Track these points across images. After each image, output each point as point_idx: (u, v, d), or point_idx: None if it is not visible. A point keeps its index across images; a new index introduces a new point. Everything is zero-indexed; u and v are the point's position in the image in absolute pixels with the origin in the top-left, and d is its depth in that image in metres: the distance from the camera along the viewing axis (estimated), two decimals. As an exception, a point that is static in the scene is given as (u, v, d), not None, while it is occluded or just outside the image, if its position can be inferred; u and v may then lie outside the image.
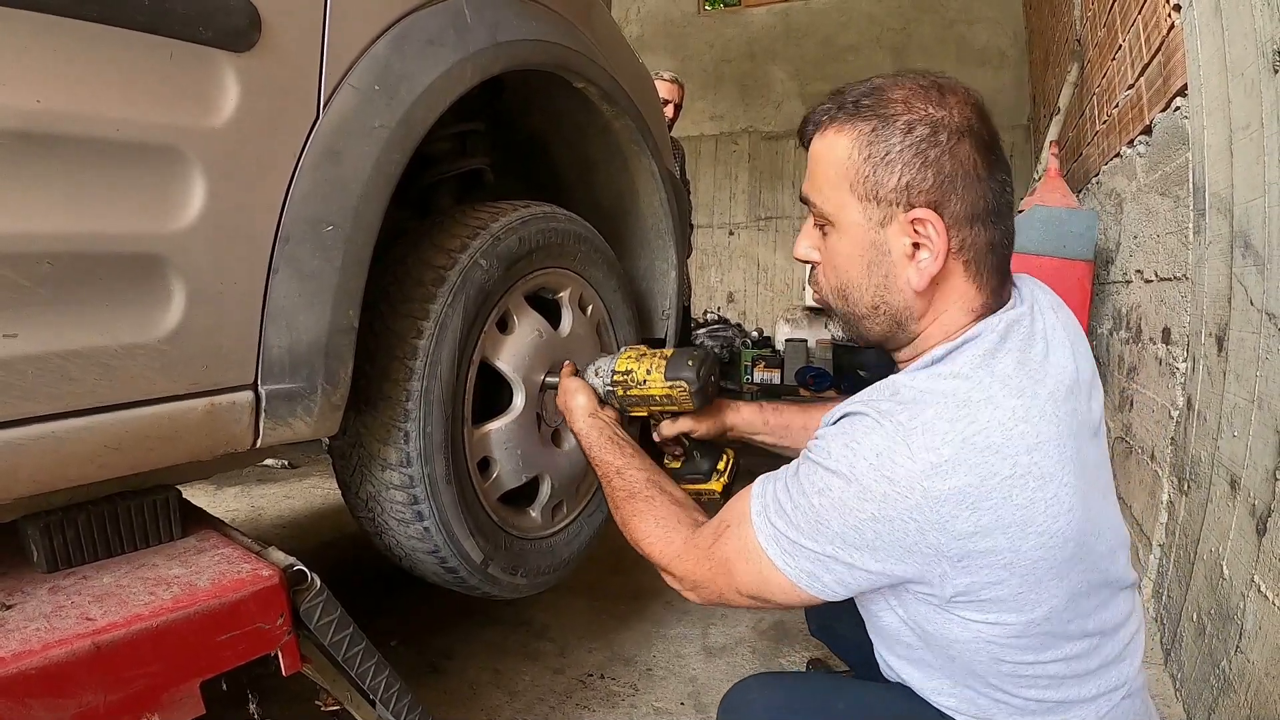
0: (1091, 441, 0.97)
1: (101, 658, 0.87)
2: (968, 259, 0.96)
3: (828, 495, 0.91)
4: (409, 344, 1.36)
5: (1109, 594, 0.98)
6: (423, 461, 1.38)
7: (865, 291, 1.02)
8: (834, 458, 0.92)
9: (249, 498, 3.46)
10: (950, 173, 0.93)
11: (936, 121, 0.93)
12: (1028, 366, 0.92)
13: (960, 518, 0.85)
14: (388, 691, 1.20)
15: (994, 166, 0.95)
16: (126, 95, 0.92)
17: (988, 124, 0.96)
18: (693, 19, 9.61)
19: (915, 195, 0.94)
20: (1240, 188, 1.59)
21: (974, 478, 0.84)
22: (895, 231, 0.96)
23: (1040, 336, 0.97)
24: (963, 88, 0.98)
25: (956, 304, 0.99)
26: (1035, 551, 0.88)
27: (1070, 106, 3.93)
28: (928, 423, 0.87)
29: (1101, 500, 0.97)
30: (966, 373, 0.91)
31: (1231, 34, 1.62)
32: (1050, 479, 0.87)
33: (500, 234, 1.50)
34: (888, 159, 0.94)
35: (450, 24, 1.33)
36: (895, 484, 0.86)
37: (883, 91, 0.97)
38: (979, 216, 0.94)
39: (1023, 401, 0.88)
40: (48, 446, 0.90)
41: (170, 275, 0.98)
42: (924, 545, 0.88)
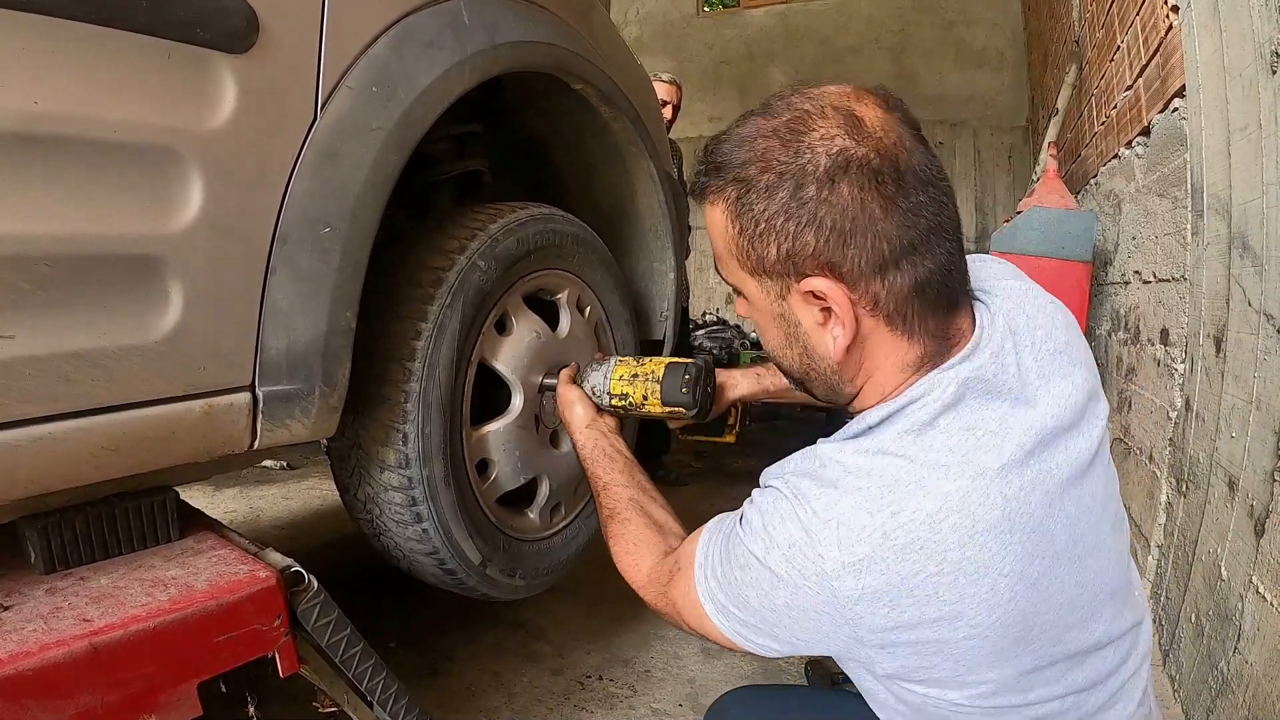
0: (1074, 489, 0.84)
1: (99, 659, 0.87)
2: (888, 313, 0.82)
3: (748, 573, 0.86)
4: (407, 345, 1.36)
5: (1083, 657, 0.86)
6: (421, 463, 1.38)
7: (792, 360, 0.93)
8: (752, 537, 0.86)
9: (247, 499, 3.45)
10: (834, 226, 0.78)
11: (799, 173, 0.79)
12: (979, 433, 0.80)
13: (877, 614, 0.78)
14: (385, 693, 1.20)
15: (898, 194, 0.78)
16: (124, 97, 0.92)
17: (878, 139, 0.79)
18: (691, 20, 9.62)
19: (801, 263, 0.81)
20: (1238, 189, 1.59)
21: (893, 577, 0.76)
22: (797, 302, 0.86)
23: (1006, 387, 0.83)
24: (831, 103, 0.82)
25: (888, 361, 0.86)
26: (968, 642, 0.79)
27: (1069, 108, 3.93)
28: (844, 515, 0.78)
29: (1076, 564, 0.83)
30: (897, 449, 0.81)
31: (1229, 35, 1.63)
32: (987, 571, 0.76)
33: (498, 235, 1.50)
34: (760, 230, 0.82)
35: (448, 25, 1.33)
36: (806, 578, 0.80)
37: (741, 145, 0.84)
38: (887, 263, 0.79)
39: (960, 485, 0.77)
40: (45, 448, 0.90)
41: (168, 277, 0.98)
42: (841, 635, 0.82)
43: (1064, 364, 0.88)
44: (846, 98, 0.82)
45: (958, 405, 0.81)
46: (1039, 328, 0.89)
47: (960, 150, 8.37)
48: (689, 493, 3.81)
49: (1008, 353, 0.84)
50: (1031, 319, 0.89)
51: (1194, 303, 1.92)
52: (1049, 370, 0.86)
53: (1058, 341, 0.89)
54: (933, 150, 0.83)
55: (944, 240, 0.81)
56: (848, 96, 0.83)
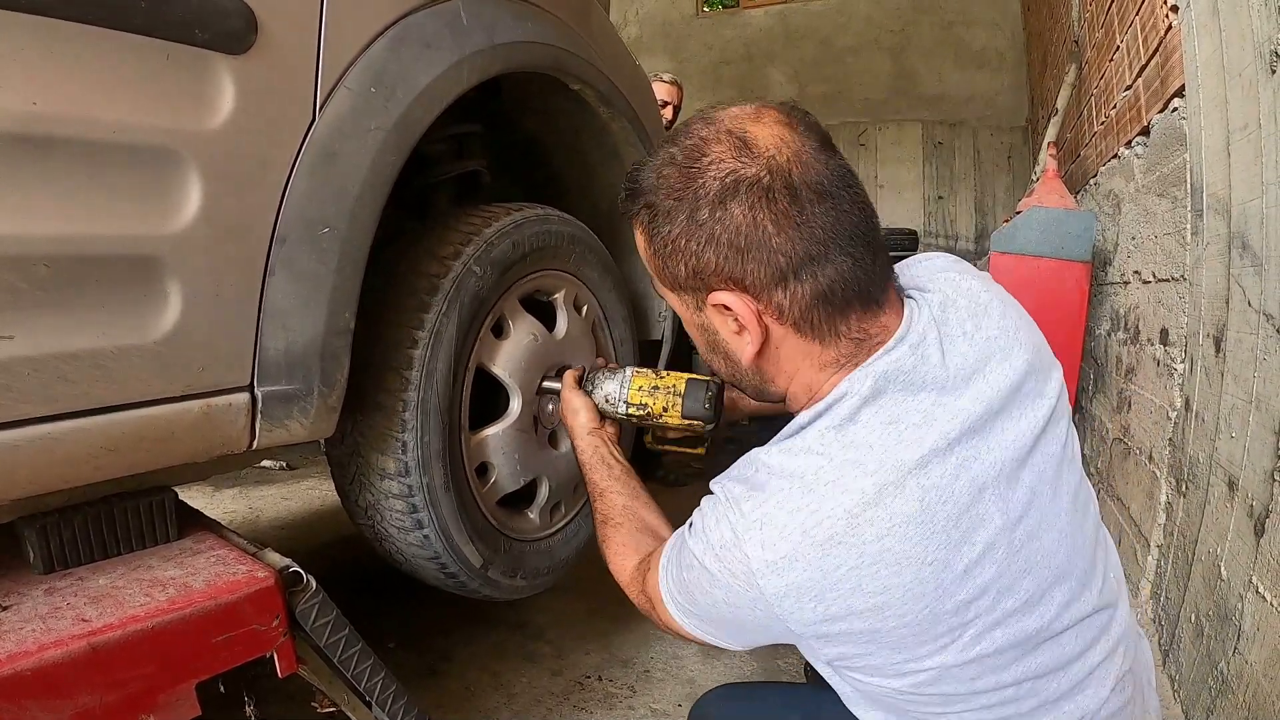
0: (1016, 471, 0.85)
1: (97, 659, 0.87)
2: (794, 320, 0.86)
3: (691, 572, 0.91)
4: (404, 354, 1.36)
5: (1035, 642, 0.86)
6: (421, 471, 1.38)
7: (720, 366, 0.99)
8: (695, 538, 0.91)
9: (247, 499, 3.45)
10: (729, 243, 0.83)
11: (694, 197, 0.84)
12: (900, 426, 0.82)
13: (805, 608, 0.81)
14: (384, 693, 1.20)
15: (791, 208, 0.81)
16: (122, 98, 0.92)
17: (769, 157, 0.82)
18: (691, 21, 9.63)
19: (708, 279, 0.87)
20: (1238, 188, 1.59)
21: (815, 572, 0.79)
22: (711, 314, 0.91)
23: (930, 377, 0.85)
24: (725, 125, 0.86)
25: (805, 364, 0.90)
26: (899, 631, 0.81)
27: (1068, 108, 3.93)
28: (768, 515, 0.82)
29: (1017, 549, 0.84)
30: (818, 447, 0.84)
31: (1229, 35, 1.62)
32: (910, 562, 0.79)
33: (494, 239, 1.50)
34: (668, 250, 0.88)
35: (447, 26, 1.33)
36: (736, 577, 0.84)
37: (650, 172, 0.90)
38: (785, 274, 0.83)
39: (876, 479, 0.79)
40: (44, 448, 0.90)
41: (166, 277, 0.98)
42: (776, 629, 0.86)
43: (998, 349, 0.89)
44: (743, 119, 0.86)
45: (878, 399, 0.84)
46: (969, 317, 0.90)
47: (960, 150, 8.38)
48: (688, 493, 3.81)
49: (930, 344, 0.86)
50: (960, 309, 0.91)
51: (1193, 302, 1.92)
52: (982, 356, 0.88)
53: (989, 329, 0.90)
54: (840, 159, 0.86)
55: (846, 248, 0.83)
56: (745, 118, 0.86)
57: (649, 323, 2.26)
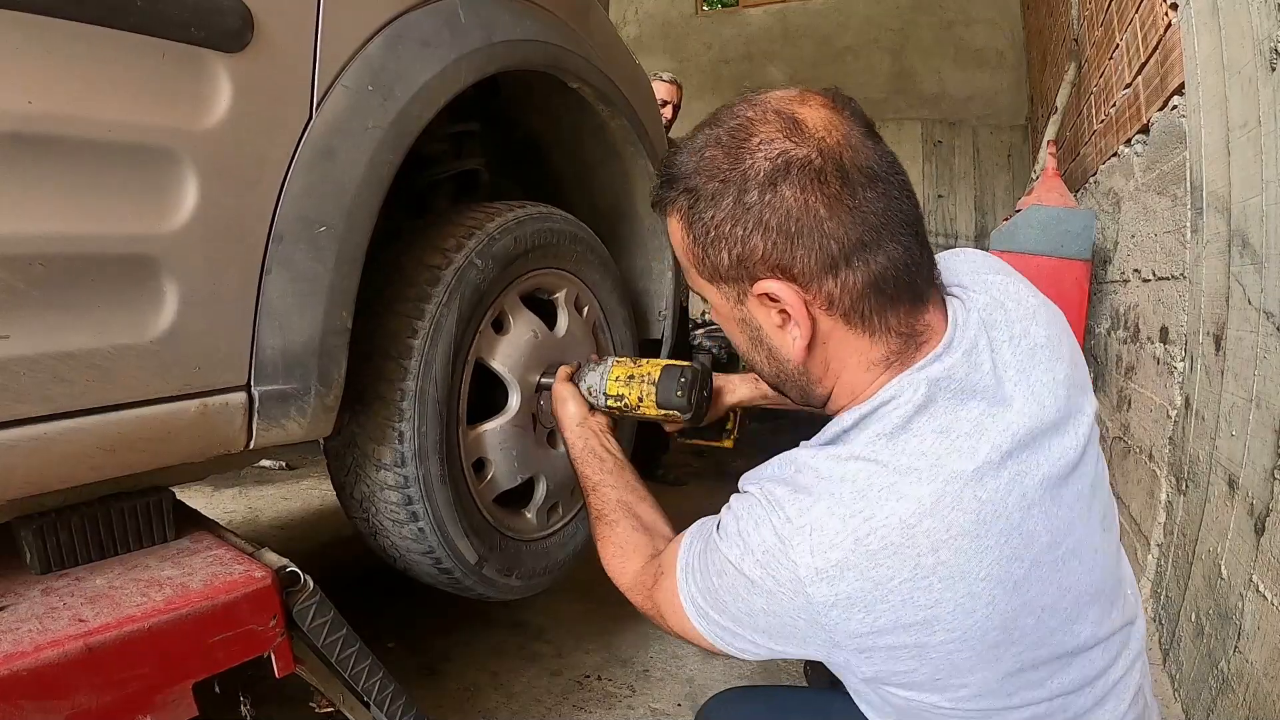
0: (1058, 488, 0.83)
1: (94, 659, 0.87)
2: (844, 311, 0.82)
3: (724, 578, 0.87)
4: (404, 343, 1.36)
5: (1069, 659, 0.85)
6: (417, 462, 1.38)
7: (762, 364, 0.94)
8: (729, 541, 0.86)
9: (246, 499, 3.45)
10: (779, 228, 0.79)
11: (741, 179, 0.80)
12: (952, 435, 0.79)
13: (853, 619, 0.78)
14: (382, 693, 1.20)
15: (843, 191, 0.78)
16: (119, 96, 0.92)
17: (820, 140, 0.79)
18: (691, 20, 9.63)
19: (753, 267, 0.82)
20: (1238, 186, 1.59)
21: (866, 583, 0.76)
22: (754, 307, 0.87)
23: (981, 386, 0.82)
24: (772, 108, 0.83)
25: (853, 360, 0.86)
26: (947, 645, 0.78)
27: (1068, 106, 3.93)
28: (817, 520, 0.78)
29: (1059, 566, 0.82)
30: (870, 454, 0.80)
31: (1229, 32, 1.62)
32: (963, 576, 0.76)
33: (495, 234, 1.50)
34: (711, 238, 0.84)
35: (444, 24, 1.33)
36: (780, 584, 0.80)
37: (690, 156, 0.86)
38: (837, 261, 0.79)
39: (933, 488, 0.76)
40: (41, 448, 0.90)
41: (163, 276, 0.98)
42: (818, 639, 0.82)
43: (1044, 359, 0.87)
44: (790, 101, 0.83)
45: (930, 407, 0.81)
46: (1017, 322, 0.88)
47: (959, 149, 8.37)
48: (688, 493, 3.81)
49: (981, 350, 0.84)
50: (1009, 313, 0.89)
51: (1193, 301, 1.92)
52: (1027, 366, 0.85)
53: (1037, 337, 0.88)
54: (885, 146, 0.84)
55: (898, 235, 0.80)
56: (791, 100, 0.83)
57: (650, 322, 2.26)
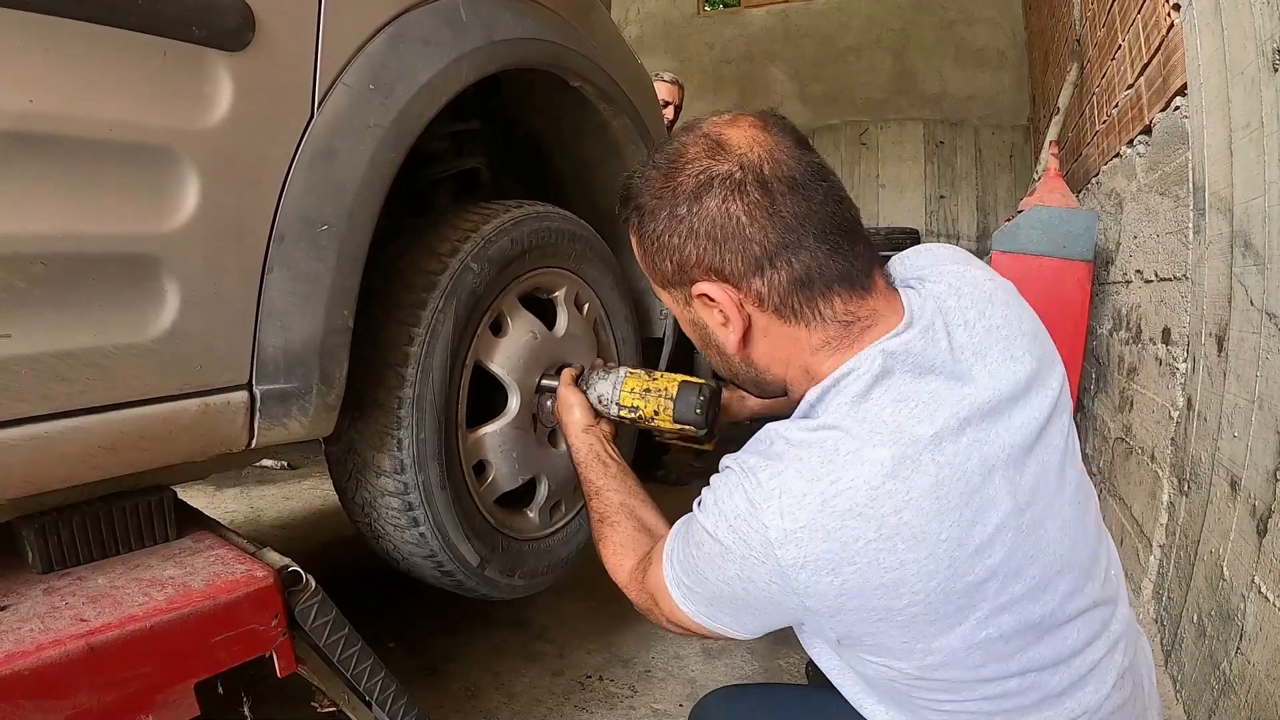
0: (1022, 458, 0.87)
1: (96, 659, 0.87)
2: (775, 306, 0.90)
3: (701, 549, 0.91)
4: (401, 350, 1.36)
5: (1039, 632, 0.88)
6: (417, 468, 1.38)
7: (716, 361, 1.03)
8: (705, 513, 0.91)
9: (248, 499, 3.45)
10: (706, 234, 0.89)
11: (673, 194, 0.91)
12: (910, 404, 0.84)
13: (821, 581, 0.81)
14: (384, 693, 1.20)
15: (760, 202, 0.86)
16: (120, 95, 0.92)
17: (741, 155, 0.88)
18: (692, 20, 9.63)
19: (691, 271, 0.92)
20: (1240, 187, 1.59)
21: (833, 544, 0.80)
22: (699, 307, 0.96)
23: (938, 362, 0.87)
24: (703, 131, 0.92)
25: (796, 347, 0.93)
26: (911, 609, 0.82)
27: (1070, 106, 3.92)
28: (786, 484, 0.82)
29: (1024, 534, 0.85)
30: (835, 421, 0.85)
31: (1231, 33, 1.62)
32: (925, 538, 0.80)
33: (492, 236, 1.49)
34: (655, 248, 0.95)
35: (445, 23, 1.33)
36: (751, 549, 0.84)
37: (638, 177, 0.97)
38: (761, 261, 0.88)
39: (894, 451, 0.81)
40: (41, 447, 0.90)
41: (164, 275, 0.98)
42: (789, 604, 0.86)
43: (1002, 338, 0.91)
44: (720, 125, 0.93)
45: (887, 378, 0.85)
46: (971, 307, 0.92)
47: (961, 149, 8.37)
48: (690, 492, 3.79)
49: (938, 330, 0.89)
50: (964, 298, 0.93)
51: (1196, 302, 1.91)
52: (984, 346, 0.90)
53: (994, 318, 0.92)
54: (814, 156, 0.92)
55: (822, 235, 0.88)
56: (722, 123, 0.93)
57: (651, 320, 2.26)
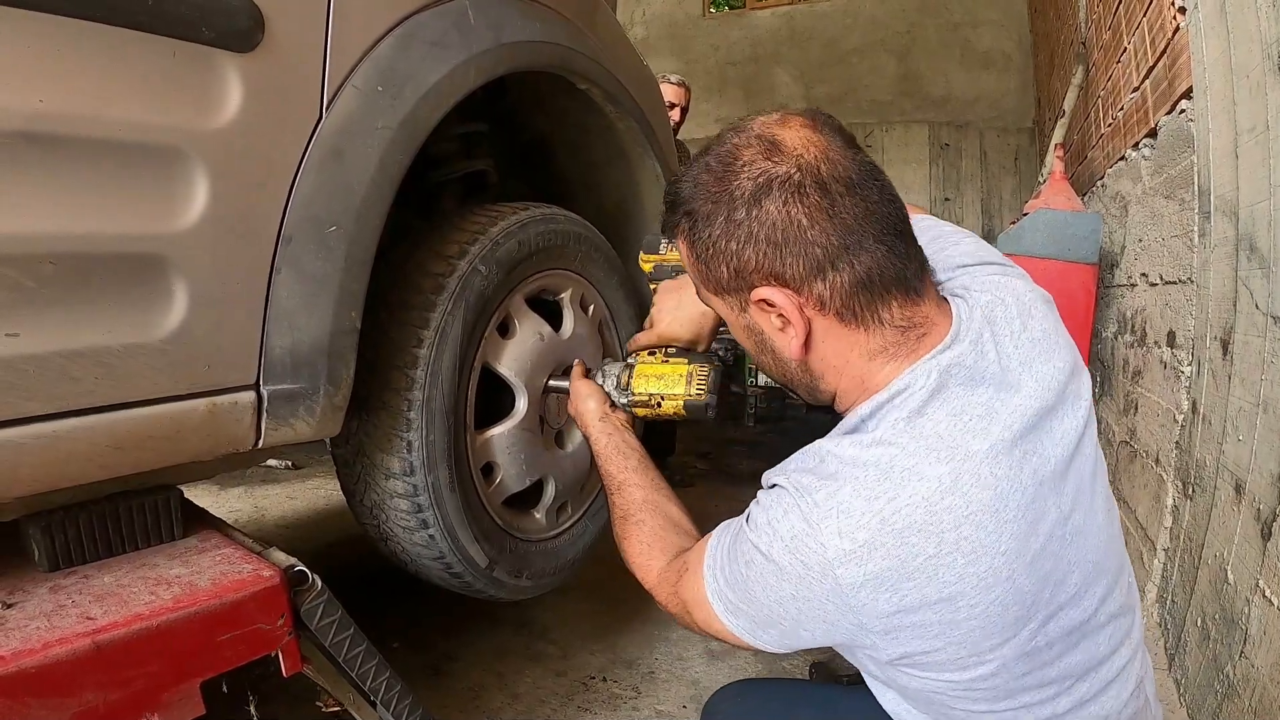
0: (1065, 467, 0.88)
1: (102, 657, 0.87)
2: (836, 310, 0.88)
3: (753, 568, 0.90)
4: (409, 353, 1.36)
5: (1077, 638, 0.89)
6: (426, 470, 1.38)
7: (770, 367, 1.00)
8: (758, 531, 0.90)
9: (252, 498, 3.46)
10: (767, 239, 0.86)
11: (730, 195, 0.88)
12: (965, 418, 0.84)
13: (880, 600, 0.81)
14: (389, 693, 1.20)
15: (822, 201, 0.85)
16: (129, 95, 0.92)
17: (799, 156, 0.86)
18: (698, 22, 9.62)
19: (748, 276, 0.90)
20: (1246, 191, 1.59)
21: (893, 561, 0.79)
22: (755, 313, 0.93)
23: (988, 373, 0.87)
24: (756, 131, 0.90)
25: (853, 354, 0.91)
26: (969, 622, 0.82)
27: (1075, 109, 3.92)
28: (844, 503, 0.82)
29: (1069, 542, 0.86)
30: (890, 438, 0.84)
31: (1236, 37, 1.62)
32: (984, 551, 0.80)
33: (499, 238, 1.49)
34: (710, 254, 0.92)
35: (454, 25, 1.33)
36: (809, 569, 0.83)
37: (686, 182, 0.94)
38: (823, 264, 0.85)
39: (952, 467, 0.81)
40: (49, 446, 0.90)
41: (172, 275, 0.98)
42: (845, 623, 0.85)
43: (1044, 349, 0.92)
44: (771, 125, 0.90)
45: (942, 392, 0.85)
46: (1016, 318, 0.93)
47: (966, 152, 8.36)
48: (694, 493, 3.81)
49: (986, 341, 0.89)
50: (1009, 309, 0.94)
51: (1201, 305, 1.91)
52: (1030, 356, 0.90)
53: (1034, 330, 0.93)
54: (864, 156, 0.90)
55: (880, 236, 0.86)
56: (772, 123, 0.90)
57: (654, 322, 2.25)
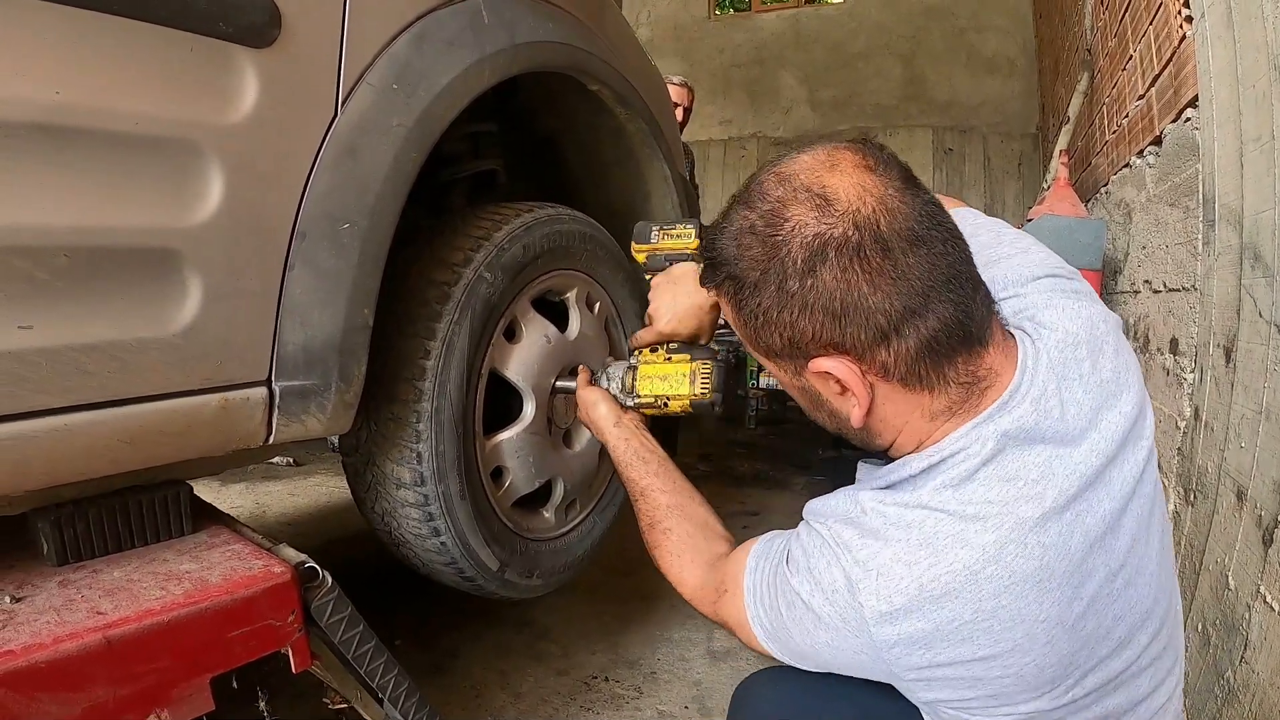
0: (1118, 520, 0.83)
1: (112, 652, 0.87)
2: (901, 375, 0.81)
3: (792, 610, 0.90)
4: (416, 365, 1.36)
5: (1115, 685, 0.86)
6: (436, 480, 1.38)
7: (824, 422, 0.95)
8: (799, 577, 0.89)
9: (254, 495, 3.45)
10: (825, 309, 0.78)
11: (780, 268, 0.80)
12: (1019, 483, 0.80)
13: (913, 656, 0.81)
14: (396, 690, 1.20)
15: (885, 263, 0.76)
16: (145, 89, 0.92)
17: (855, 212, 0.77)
18: (703, 24, 9.62)
19: (805, 347, 0.82)
20: (1250, 199, 1.59)
21: (928, 624, 0.79)
22: (812, 379, 0.87)
23: (1049, 430, 0.82)
24: (801, 184, 0.80)
25: (915, 414, 0.85)
26: (1003, 680, 0.80)
27: (1080, 116, 3.93)
28: (884, 566, 0.81)
29: (1116, 597, 0.83)
30: (935, 503, 0.82)
31: (1243, 45, 1.62)
32: (1023, 619, 0.77)
33: (504, 243, 1.48)
34: (760, 322, 0.84)
35: (468, 24, 1.33)
36: (846, 622, 0.84)
37: (730, 241, 0.86)
38: (887, 331, 0.78)
39: (998, 536, 0.77)
40: (60, 439, 0.90)
41: (186, 270, 0.98)
42: (877, 670, 0.86)
43: (1114, 391, 0.86)
44: (819, 171, 0.81)
45: (998, 457, 0.81)
46: (1087, 359, 0.86)
47: (970, 157, 8.36)
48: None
49: (1050, 396, 0.83)
50: (1079, 349, 0.87)
51: (1204, 313, 1.91)
52: (1098, 403, 0.85)
53: (1104, 370, 0.87)
54: (925, 195, 0.81)
55: (947, 291, 0.79)
56: (820, 169, 0.81)
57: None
